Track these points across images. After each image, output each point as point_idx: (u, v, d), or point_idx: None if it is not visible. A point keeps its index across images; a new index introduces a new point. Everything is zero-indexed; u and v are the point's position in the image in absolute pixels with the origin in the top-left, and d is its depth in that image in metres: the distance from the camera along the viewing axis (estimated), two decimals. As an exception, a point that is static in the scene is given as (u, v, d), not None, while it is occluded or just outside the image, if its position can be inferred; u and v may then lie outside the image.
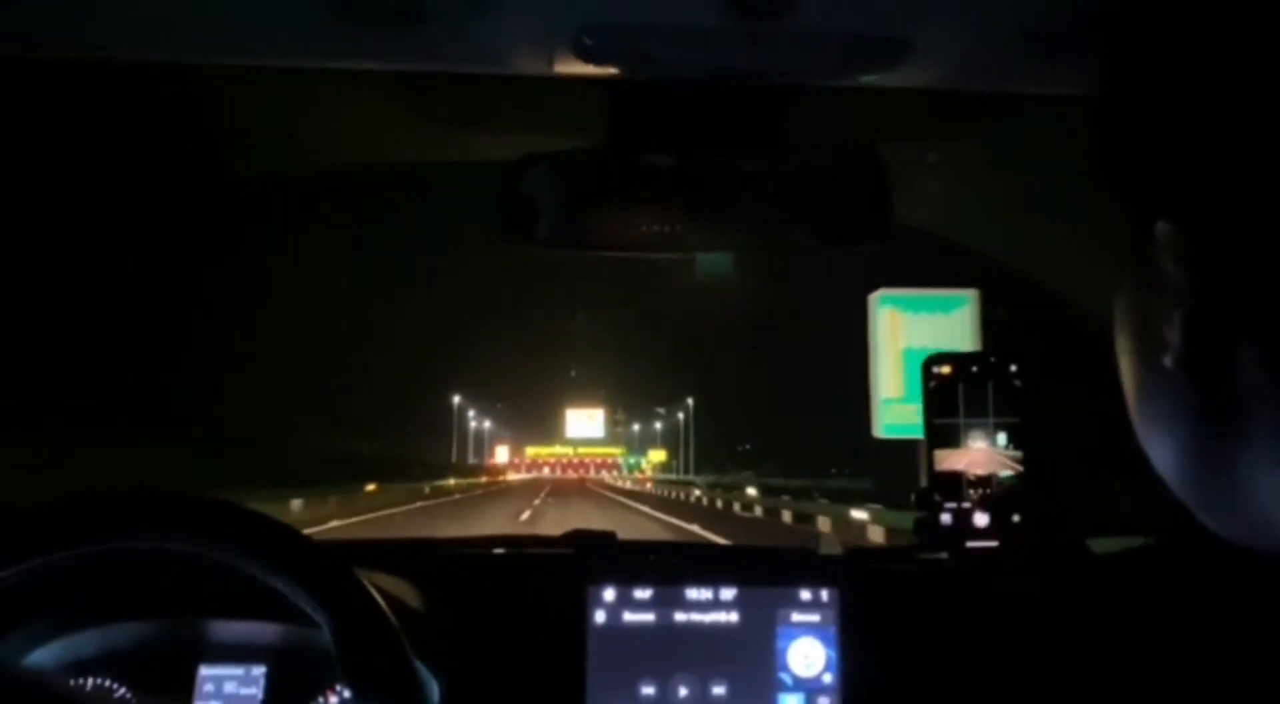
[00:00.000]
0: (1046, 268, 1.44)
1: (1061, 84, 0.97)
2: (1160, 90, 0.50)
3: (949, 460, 1.12)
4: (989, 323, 4.91)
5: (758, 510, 24.22)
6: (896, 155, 1.08)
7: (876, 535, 13.25)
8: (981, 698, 1.11)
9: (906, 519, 1.16)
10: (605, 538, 1.40)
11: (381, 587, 0.92)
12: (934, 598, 1.21)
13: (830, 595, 1.23)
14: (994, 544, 1.10)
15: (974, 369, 1.11)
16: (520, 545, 1.44)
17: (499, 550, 1.42)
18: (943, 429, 1.11)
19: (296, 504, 17.71)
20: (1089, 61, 0.91)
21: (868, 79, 0.94)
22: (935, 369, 1.12)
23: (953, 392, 1.11)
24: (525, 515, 22.37)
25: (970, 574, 1.16)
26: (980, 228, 1.47)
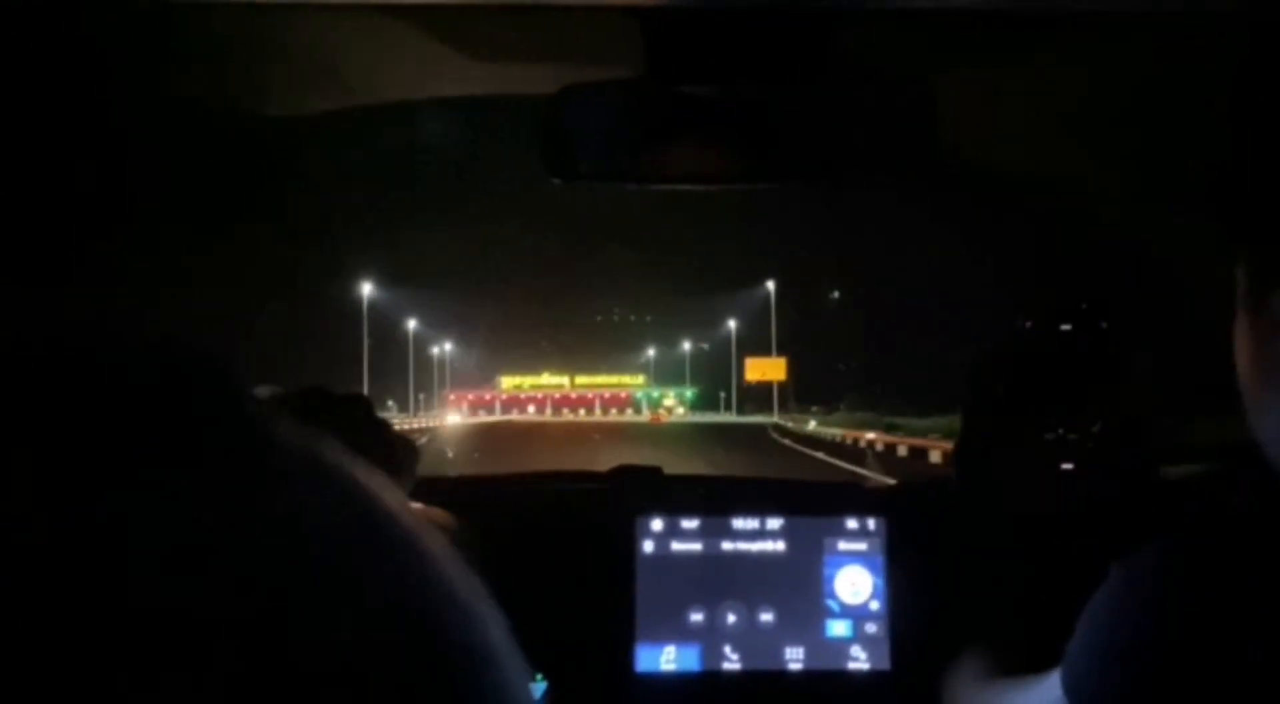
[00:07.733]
0: (1100, 199, 1.41)
1: (1118, 3, 0.93)
2: None
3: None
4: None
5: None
6: (944, 83, 1.05)
7: None
8: (1028, 625, 1.12)
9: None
10: (651, 472, 1.41)
11: (434, 520, 0.93)
12: (980, 526, 1.22)
13: (877, 524, 1.24)
14: (1070, 467, 1.15)
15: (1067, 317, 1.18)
16: (568, 481, 1.46)
17: (548, 486, 1.44)
18: None
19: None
20: None
21: (915, 0, 0.91)
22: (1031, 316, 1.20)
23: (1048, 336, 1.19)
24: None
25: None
26: (1031, 159, 1.44)
